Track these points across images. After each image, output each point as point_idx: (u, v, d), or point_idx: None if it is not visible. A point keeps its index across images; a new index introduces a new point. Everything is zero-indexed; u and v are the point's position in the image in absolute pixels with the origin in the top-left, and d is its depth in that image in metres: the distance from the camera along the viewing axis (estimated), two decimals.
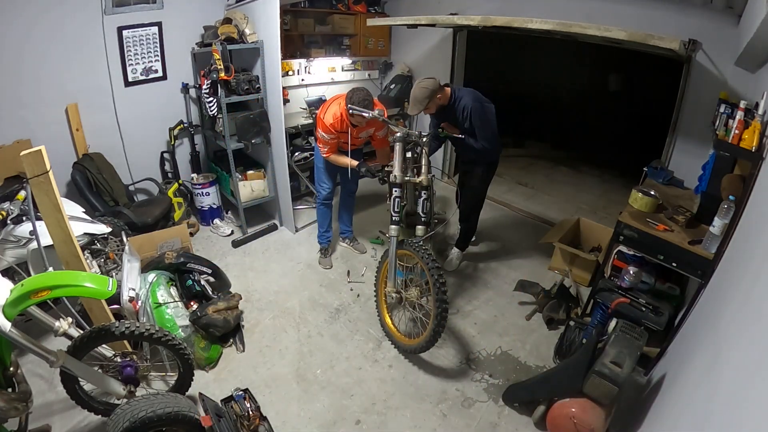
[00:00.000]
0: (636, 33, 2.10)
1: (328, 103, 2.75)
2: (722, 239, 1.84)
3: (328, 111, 2.66)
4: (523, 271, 3.16)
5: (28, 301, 1.34)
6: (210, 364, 2.27)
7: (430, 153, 2.47)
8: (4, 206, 2.02)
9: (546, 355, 2.41)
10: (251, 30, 3.15)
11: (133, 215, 2.94)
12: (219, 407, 1.84)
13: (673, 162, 2.98)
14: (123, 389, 1.68)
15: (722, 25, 2.48)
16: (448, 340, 2.48)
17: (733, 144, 1.77)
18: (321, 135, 2.70)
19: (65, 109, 3.02)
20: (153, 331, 1.71)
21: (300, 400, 2.11)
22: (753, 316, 1.06)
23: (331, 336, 2.53)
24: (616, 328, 1.90)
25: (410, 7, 4.36)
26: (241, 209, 3.47)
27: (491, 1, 3.60)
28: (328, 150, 2.75)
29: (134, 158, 3.48)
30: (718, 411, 0.98)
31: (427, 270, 2.11)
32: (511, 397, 2.09)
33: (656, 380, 1.90)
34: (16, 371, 1.53)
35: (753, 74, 2.37)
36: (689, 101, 2.81)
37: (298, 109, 4.21)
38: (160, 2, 3.24)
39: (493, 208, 4.23)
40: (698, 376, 1.31)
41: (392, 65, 4.88)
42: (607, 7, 2.96)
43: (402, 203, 2.33)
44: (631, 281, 2.23)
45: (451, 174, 4.89)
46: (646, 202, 2.33)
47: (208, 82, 3.00)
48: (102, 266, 2.39)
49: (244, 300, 2.64)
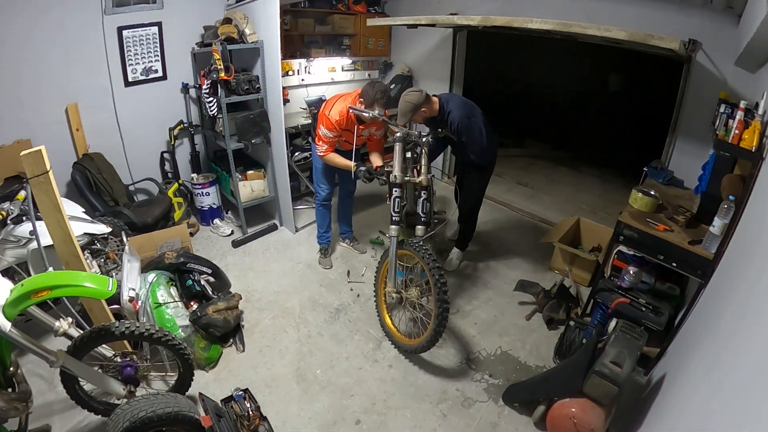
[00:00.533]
0: (636, 33, 2.10)
1: (332, 101, 2.69)
2: (722, 239, 1.84)
3: (334, 108, 2.60)
4: (523, 271, 3.16)
5: (28, 301, 1.34)
6: (210, 364, 2.27)
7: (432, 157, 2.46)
8: (4, 206, 2.02)
9: (546, 355, 2.41)
10: (251, 30, 3.15)
11: (133, 215, 2.94)
12: (219, 407, 1.84)
13: (673, 162, 2.98)
14: (123, 389, 1.68)
15: (722, 25, 2.48)
16: (448, 340, 2.48)
17: (733, 144, 1.77)
18: (323, 132, 2.62)
19: (65, 109, 3.02)
20: (153, 331, 1.71)
21: (300, 400, 2.11)
22: (753, 316, 1.06)
23: (331, 336, 2.53)
24: (616, 328, 1.90)
25: (410, 7, 4.36)
26: (241, 209, 3.47)
27: (491, 1, 3.60)
28: (326, 149, 2.66)
29: (134, 158, 3.48)
30: (718, 411, 0.98)
31: (427, 270, 2.11)
32: (511, 397, 2.09)
33: (656, 380, 1.90)
34: (16, 371, 1.53)
35: (753, 74, 2.37)
36: (689, 101, 2.81)
37: (298, 109, 4.21)
38: (160, 2, 3.24)
39: (493, 208, 4.23)
40: (698, 376, 1.31)
41: (392, 65, 4.88)
42: (607, 7, 2.96)
43: (402, 203, 2.33)
44: (631, 281, 2.23)
45: (451, 174, 4.90)
46: (646, 202, 2.33)
47: (208, 82, 3.00)
48: (102, 266, 2.39)
49: (244, 300, 2.64)
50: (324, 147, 2.66)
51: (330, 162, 2.73)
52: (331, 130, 2.60)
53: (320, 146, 2.68)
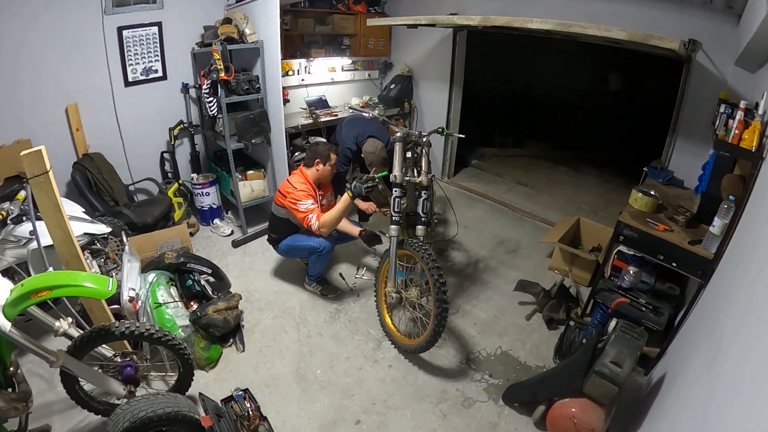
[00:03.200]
0: (636, 33, 2.11)
1: (285, 189, 2.54)
2: (722, 239, 1.84)
3: (293, 182, 2.51)
4: (523, 271, 3.16)
5: (28, 301, 1.34)
6: (210, 364, 2.27)
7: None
8: (4, 206, 2.02)
9: (546, 355, 2.41)
10: (251, 30, 3.16)
11: (133, 215, 2.95)
12: (219, 407, 1.84)
13: (673, 162, 2.98)
14: (123, 389, 1.68)
15: (722, 25, 2.48)
16: (448, 340, 2.48)
17: (733, 144, 1.77)
18: (303, 206, 2.43)
19: (65, 109, 3.02)
20: (153, 331, 1.71)
21: (300, 400, 2.11)
22: (753, 316, 1.06)
23: (331, 336, 2.53)
24: (616, 328, 1.89)
25: (410, 7, 4.36)
26: (241, 209, 3.47)
27: (491, 1, 3.60)
28: (317, 213, 2.44)
29: (134, 158, 3.48)
30: (718, 411, 0.98)
31: (427, 270, 2.11)
32: (511, 397, 2.09)
33: (656, 380, 1.90)
34: (16, 371, 1.52)
35: (753, 74, 2.37)
36: (689, 101, 2.81)
37: (298, 109, 4.21)
38: (160, 2, 3.24)
39: (493, 208, 4.23)
40: (698, 376, 1.31)
41: (392, 65, 4.88)
42: (607, 7, 2.96)
43: (402, 203, 2.33)
44: (631, 281, 2.23)
45: (451, 174, 4.90)
46: (646, 202, 2.33)
47: (208, 82, 3.00)
48: (102, 266, 2.38)
49: (244, 300, 2.64)
50: (314, 217, 2.44)
51: (332, 223, 2.48)
52: (307, 196, 2.48)
53: (310, 221, 2.44)
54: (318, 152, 2.59)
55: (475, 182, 4.83)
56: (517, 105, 6.24)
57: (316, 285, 2.86)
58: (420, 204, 2.36)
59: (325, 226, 2.45)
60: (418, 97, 4.72)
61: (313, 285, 2.86)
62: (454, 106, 4.48)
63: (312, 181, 2.60)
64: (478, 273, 3.17)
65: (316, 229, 2.45)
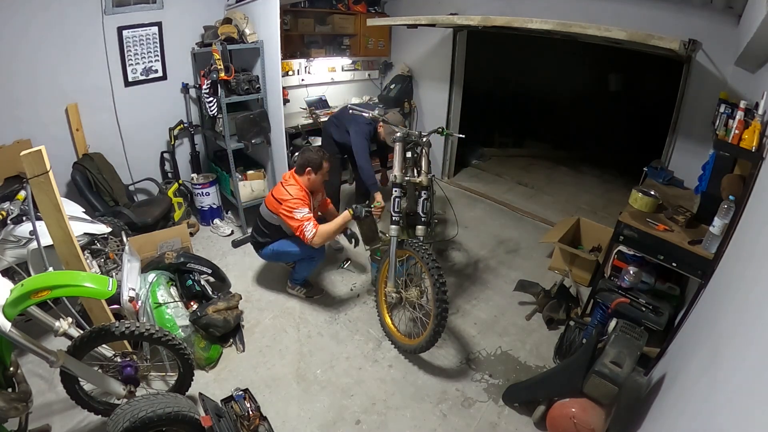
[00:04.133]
0: (636, 33, 2.11)
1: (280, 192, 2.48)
2: (722, 239, 1.84)
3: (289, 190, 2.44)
4: (523, 271, 3.16)
5: (28, 301, 1.34)
6: (210, 364, 2.27)
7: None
8: (4, 206, 2.02)
9: (546, 355, 2.41)
10: (251, 30, 3.16)
11: (133, 215, 2.95)
12: (219, 407, 1.84)
13: (673, 162, 2.98)
14: (123, 389, 1.68)
15: (722, 25, 2.48)
16: (448, 340, 2.48)
17: (733, 144, 1.76)
18: (299, 214, 2.37)
19: (65, 109, 3.02)
20: (153, 331, 1.71)
21: (300, 400, 2.11)
22: (753, 316, 1.06)
23: (331, 336, 2.53)
24: (616, 328, 1.90)
25: (410, 7, 4.36)
26: (241, 209, 3.47)
27: (491, 1, 3.60)
28: (313, 222, 2.39)
29: (134, 158, 3.48)
30: (718, 411, 0.98)
31: (426, 270, 2.11)
32: (511, 397, 2.09)
33: (656, 380, 1.90)
34: (16, 371, 1.53)
35: (753, 74, 2.37)
36: (689, 101, 2.81)
37: (298, 109, 4.22)
38: (160, 2, 3.24)
39: (493, 207, 4.23)
40: (698, 376, 1.31)
41: (392, 65, 4.88)
42: (607, 7, 2.96)
43: (402, 203, 2.33)
44: (631, 281, 2.23)
45: (451, 174, 4.90)
46: (646, 202, 2.33)
47: (208, 82, 3.00)
48: (102, 266, 2.38)
49: (244, 300, 2.64)
50: (309, 226, 2.38)
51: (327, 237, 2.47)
52: (302, 203, 2.42)
53: (305, 230, 2.38)
54: (309, 160, 2.49)
55: (475, 182, 4.83)
56: (517, 105, 6.24)
57: (300, 288, 2.83)
58: (420, 204, 2.36)
59: (320, 237, 2.40)
60: (418, 97, 4.72)
61: (297, 288, 2.83)
62: (454, 106, 4.48)
63: (305, 188, 2.52)
64: (478, 273, 3.17)
65: (310, 239, 2.38)
